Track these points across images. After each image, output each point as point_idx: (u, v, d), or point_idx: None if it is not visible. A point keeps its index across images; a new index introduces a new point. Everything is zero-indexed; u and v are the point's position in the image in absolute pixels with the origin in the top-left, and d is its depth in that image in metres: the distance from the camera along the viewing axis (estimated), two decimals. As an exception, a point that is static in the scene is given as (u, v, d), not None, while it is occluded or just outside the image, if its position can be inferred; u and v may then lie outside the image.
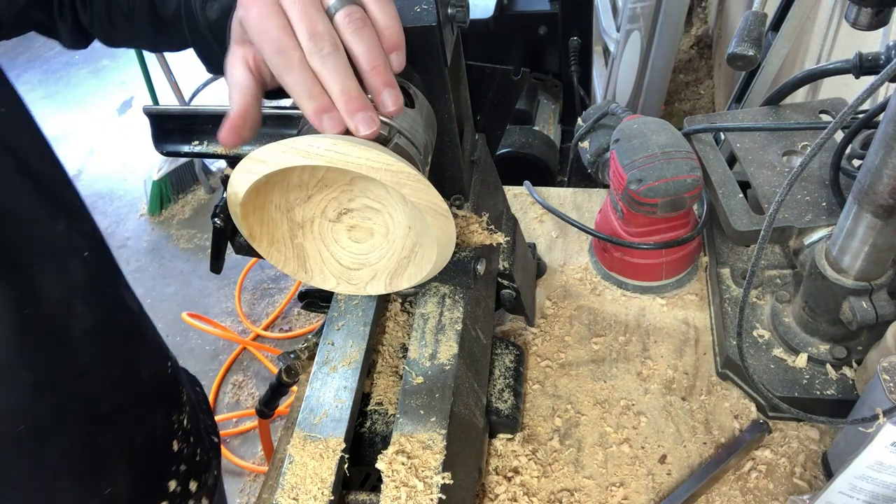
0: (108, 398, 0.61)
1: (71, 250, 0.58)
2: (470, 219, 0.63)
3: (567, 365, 0.84)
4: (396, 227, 0.53)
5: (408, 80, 0.53)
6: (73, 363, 0.58)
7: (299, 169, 0.47)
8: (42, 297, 0.55)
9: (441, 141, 0.58)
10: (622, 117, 0.90)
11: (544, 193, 1.06)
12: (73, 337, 0.58)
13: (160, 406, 0.69)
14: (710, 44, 2.86)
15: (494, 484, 0.72)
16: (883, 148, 0.55)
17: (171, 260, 2.66)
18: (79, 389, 0.58)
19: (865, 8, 0.60)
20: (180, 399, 0.72)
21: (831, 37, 1.22)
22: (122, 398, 0.62)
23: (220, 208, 0.57)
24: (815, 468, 0.71)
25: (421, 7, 0.51)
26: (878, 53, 0.74)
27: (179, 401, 0.72)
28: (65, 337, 0.57)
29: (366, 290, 0.57)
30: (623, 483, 0.72)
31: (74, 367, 0.58)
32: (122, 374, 0.63)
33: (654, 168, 0.78)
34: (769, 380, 0.74)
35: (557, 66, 2.14)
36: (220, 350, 2.31)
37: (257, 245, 0.53)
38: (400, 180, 0.45)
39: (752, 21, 0.78)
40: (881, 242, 0.62)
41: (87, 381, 0.59)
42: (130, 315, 0.67)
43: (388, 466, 0.52)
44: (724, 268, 0.87)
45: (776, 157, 0.82)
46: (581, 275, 0.95)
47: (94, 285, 0.61)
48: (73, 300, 0.58)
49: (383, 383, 0.64)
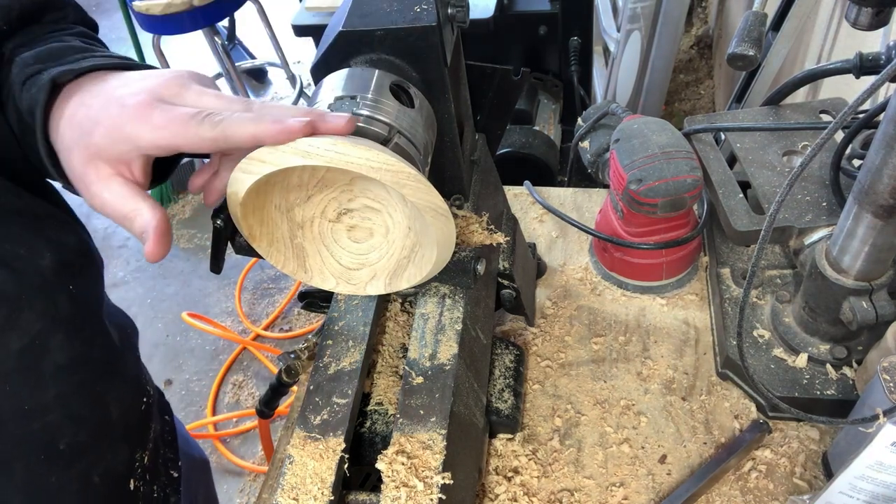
0: (69, 436, 0.58)
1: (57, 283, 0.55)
2: (470, 219, 0.63)
3: (567, 365, 0.84)
4: (396, 227, 0.53)
5: (408, 80, 0.53)
6: (36, 399, 0.55)
7: (299, 169, 0.47)
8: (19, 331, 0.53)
9: (441, 141, 0.58)
10: (622, 117, 0.90)
11: (544, 193, 1.06)
12: (43, 373, 0.55)
13: (123, 445, 0.65)
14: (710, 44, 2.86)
15: (494, 484, 0.72)
16: (883, 148, 0.55)
17: (171, 260, 2.65)
18: (38, 426, 0.55)
19: (866, 8, 0.60)
20: (146, 436, 0.69)
21: (831, 37, 1.22)
22: (83, 436, 0.59)
23: (220, 208, 0.57)
24: (815, 468, 0.71)
25: (421, 7, 0.51)
26: (878, 53, 0.74)
27: (145, 438, 0.68)
28: (34, 373, 0.54)
29: (365, 290, 0.57)
30: (623, 483, 0.72)
31: (37, 403, 0.55)
32: (88, 411, 0.60)
33: (654, 168, 0.78)
34: (769, 380, 0.74)
35: (557, 66, 2.13)
36: (220, 350, 2.30)
37: (257, 245, 0.53)
38: (399, 180, 0.45)
39: (752, 21, 0.78)
40: (881, 242, 0.62)
41: (48, 418, 0.56)
42: (109, 349, 0.63)
43: (388, 466, 0.52)
44: (725, 268, 0.87)
45: (776, 157, 0.82)
46: (581, 275, 0.95)
47: (78, 318, 0.58)
48: (53, 334, 0.55)
49: (383, 383, 0.64)
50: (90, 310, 0.61)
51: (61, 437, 0.57)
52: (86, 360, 0.59)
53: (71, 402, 0.58)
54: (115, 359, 0.64)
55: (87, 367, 0.59)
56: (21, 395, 0.54)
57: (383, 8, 0.53)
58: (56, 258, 0.56)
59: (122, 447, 0.65)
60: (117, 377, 0.64)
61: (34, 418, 0.55)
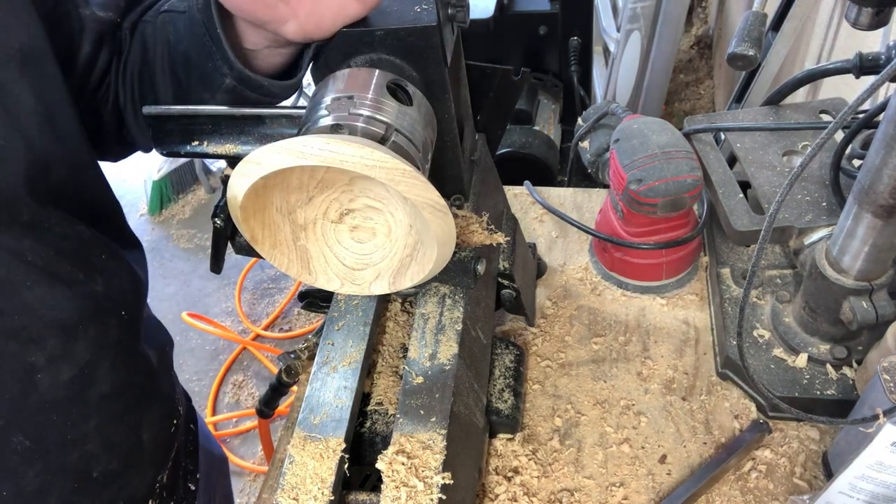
0: (103, 464, 0.59)
1: (108, 309, 0.56)
2: (470, 219, 0.63)
3: (567, 365, 0.84)
4: (398, 225, 0.53)
5: (407, 80, 0.53)
6: (79, 429, 0.55)
7: (298, 170, 0.47)
8: (71, 361, 0.53)
9: (441, 141, 0.58)
10: (622, 117, 0.90)
11: (544, 193, 1.06)
12: (89, 402, 0.56)
13: (149, 469, 0.66)
14: (710, 44, 2.86)
15: (494, 484, 0.72)
16: (883, 148, 0.55)
17: (171, 260, 2.66)
18: (76, 455, 0.56)
19: (866, 8, 0.60)
20: (169, 456, 0.70)
21: (831, 37, 1.22)
22: (116, 464, 0.60)
23: (220, 208, 0.57)
24: (815, 468, 0.71)
25: (421, 7, 0.51)
26: (878, 53, 0.74)
27: (167, 458, 0.69)
28: (80, 403, 0.55)
29: (370, 290, 0.57)
30: (623, 483, 0.72)
31: (79, 433, 0.56)
32: (122, 439, 0.60)
33: (654, 168, 0.78)
34: (769, 380, 0.74)
35: (557, 66, 2.13)
36: (220, 350, 2.30)
37: (260, 248, 0.53)
38: (395, 177, 0.44)
39: (752, 21, 0.78)
40: (881, 242, 0.62)
41: (87, 447, 0.56)
42: (147, 373, 0.64)
43: (389, 466, 0.52)
44: (725, 268, 0.87)
45: (776, 157, 0.82)
46: (581, 275, 0.95)
47: (123, 345, 0.58)
48: (101, 362, 0.56)
49: (383, 383, 0.64)
50: (134, 335, 0.62)
51: (96, 465, 0.58)
52: (127, 386, 0.60)
53: (109, 430, 0.58)
54: (153, 382, 0.65)
55: (127, 393, 0.60)
56: (66, 425, 0.55)
57: (383, 8, 0.53)
58: (107, 283, 0.57)
59: (147, 471, 0.65)
60: (153, 401, 0.65)
61: (75, 447, 0.56)
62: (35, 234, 0.51)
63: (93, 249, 0.57)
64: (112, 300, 0.57)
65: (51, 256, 0.52)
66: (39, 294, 0.51)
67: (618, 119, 0.91)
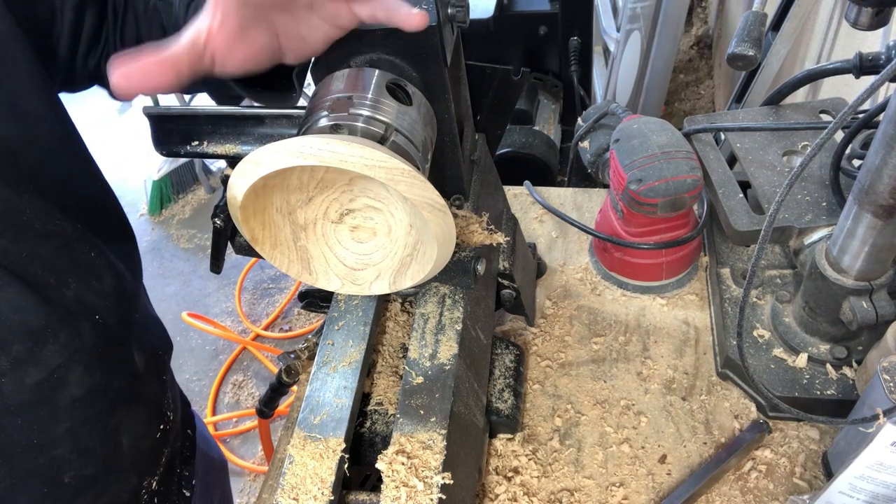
0: (76, 469, 0.57)
1: (80, 314, 0.55)
2: (470, 219, 0.63)
3: (567, 365, 0.84)
4: (398, 225, 0.53)
5: (407, 80, 0.53)
6: (46, 434, 0.54)
7: (298, 170, 0.47)
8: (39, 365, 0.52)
9: (441, 141, 0.58)
10: (622, 117, 0.90)
11: (544, 193, 1.06)
12: (57, 406, 0.54)
13: (132, 475, 0.64)
14: (710, 44, 2.86)
15: (494, 484, 0.72)
16: (883, 148, 0.55)
17: (171, 260, 2.66)
18: (43, 460, 0.55)
19: (866, 8, 0.60)
20: (157, 463, 0.67)
21: (831, 37, 1.22)
22: (91, 469, 0.58)
23: (220, 208, 0.57)
24: (815, 468, 0.71)
25: (421, 7, 0.51)
26: (878, 53, 0.74)
27: (156, 465, 0.67)
28: (48, 406, 0.54)
29: (370, 290, 0.57)
30: (623, 483, 0.72)
31: (46, 438, 0.54)
32: (98, 444, 0.58)
33: (654, 168, 0.78)
34: (769, 380, 0.74)
35: (557, 66, 2.14)
36: (220, 350, 2.30)
37: (260, 248, 0.53)
38: (394, 177, 0.44)
39: (752, 21, 0.78)
40: (881, 242, 0.62)
41: (55, 452, 0.55)
42: (130, 377, 0.62)
43: (388, 466, 0.52)
44: (724, 268, 0.87)
45: (776, 157, 0.82)
46: (581, 275, 0.95)
47: (101, 348, 0.57)
48: (74, 367, 0.54)
49: (383, 383, 0.64)
50: (115, 339, 0.60)
51: (68, 470, 0.57)
52: (103, 390, 0.58)
53: (81, 435, 0.57)
54: (136, 386, 0.63)
55: (103, 398, 0.58)
56: (32, 429, 0.53)
57: (383, 8, 0.53)
58: (82, 286, 0.55)
59: (130, 477, 0.64)
60: (134, 406, 0.63)
61: (41, 452, 0.54)
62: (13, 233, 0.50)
63: (77, 247, 0.56)
64: (85, 304, 0.55)
65: (22, 260, 0.50)
66: (7, 297, 0.50)
67: (618, 119, 0.91)
